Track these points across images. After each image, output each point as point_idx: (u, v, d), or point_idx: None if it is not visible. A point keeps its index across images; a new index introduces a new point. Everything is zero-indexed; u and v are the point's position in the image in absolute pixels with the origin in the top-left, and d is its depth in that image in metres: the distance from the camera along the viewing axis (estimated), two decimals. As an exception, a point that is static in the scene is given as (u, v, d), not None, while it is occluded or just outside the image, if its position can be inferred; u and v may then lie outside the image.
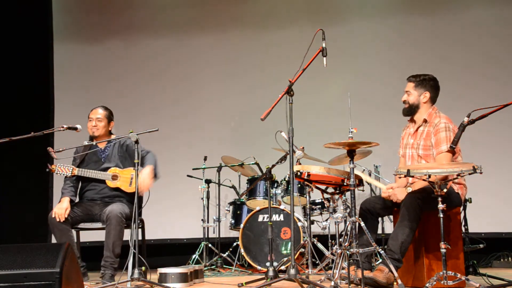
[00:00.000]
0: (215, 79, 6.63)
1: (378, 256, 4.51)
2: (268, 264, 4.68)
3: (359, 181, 3.70)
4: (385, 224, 5.43)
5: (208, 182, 5.70)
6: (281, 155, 4.43)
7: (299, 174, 3.70)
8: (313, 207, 5.18)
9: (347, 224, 3.62)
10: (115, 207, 4.19)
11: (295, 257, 3.59)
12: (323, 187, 3.97)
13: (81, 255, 4.44)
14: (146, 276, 4.15)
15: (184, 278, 4.04)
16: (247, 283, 3.93)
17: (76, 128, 4.36)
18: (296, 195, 5.11)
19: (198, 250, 5.51)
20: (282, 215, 4.99)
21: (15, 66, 6.67)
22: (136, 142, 3.94)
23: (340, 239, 3.94)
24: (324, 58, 3.60)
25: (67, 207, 4.23)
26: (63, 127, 4.25)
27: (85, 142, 4.49)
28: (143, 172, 4.26)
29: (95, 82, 6.73)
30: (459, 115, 3.28)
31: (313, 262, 4.64)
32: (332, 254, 4.01)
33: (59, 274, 2.60)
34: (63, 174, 4.32)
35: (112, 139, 4.48)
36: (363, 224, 3.53)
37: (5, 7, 6.64)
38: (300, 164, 4.48)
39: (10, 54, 6.66)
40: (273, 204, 5.03)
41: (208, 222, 5.63)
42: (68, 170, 4.32)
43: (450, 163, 3.54)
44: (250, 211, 5.23)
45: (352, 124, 3.55)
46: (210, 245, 5.56)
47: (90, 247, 5.35)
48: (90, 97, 6.44)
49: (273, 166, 4.45)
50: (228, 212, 5.55)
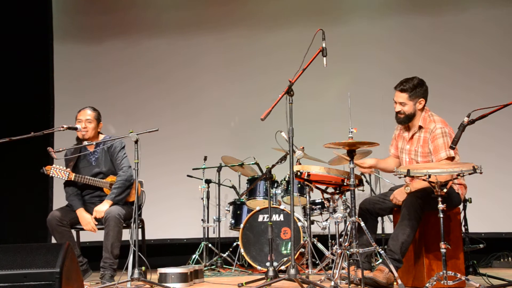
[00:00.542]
0: (216, 79, 6.62)
1: (378, 256, 4.51)
2: (268, 264, 4.68)
3: (359, 181, 3.71)
4: (385, 224, 5.43)
5: (208, 182, 5.69)
6: (281, 155, 4.44)
7: (299, 174, 3.70)
8: (313, 207, 5.18)
9: (347, 224, 3.62)
10: (113, 209, 4.18)
11: (295, 257, 3.59)
12: (323, 187, 3.97)
13: (81, 254, 4.43)
14: (146, 276, 4.15)
15: (184, 278, 4.04)
16: (247, 283, 3.93)
17: (76, 128, 4.36)
18: (296, 195, 5.11)
19: (198, 250, 5.50)
20: (282, 215, 4.99)
21: (15, 66, 6.66)
22: (136, 142, 3.93)
23: (340, 239, 3.93)
24: (324, 58, 3.60)
25: (89, 217, 4.24)
26: (63, 127, 4.24)
27: (85, 143, 4.40)
28: (103, 206, 4.21)
29: (95, 82, 6.72)
30: (457, 117, 3.25)
31: (313, 262, 4.64)
32: (332, 254, 4.01)
33: (59, 274, 2.60)
34: (58, 177, 4.23)
35: (112, 139, 4.40)
36: (363, 224, 3.53)
37: (5, 7, 6.64)
38: (300, 164, 4.49)
39: (10, 54, 6.65)
40: (273, 204, 5.03)
41: (208, 222, 5.63)
42: (65, 174, 4.22)
43: (450, 163, 3.53)
44: (250, 211, 5.23)
45: (352, 124, 3.55)
46: (210, 245, 5.56)
47: (90, 247, 5.35)
48: (90, 97, 6.43)
49: (273, 166, 4.45)
50: (228, 212, 5.55)
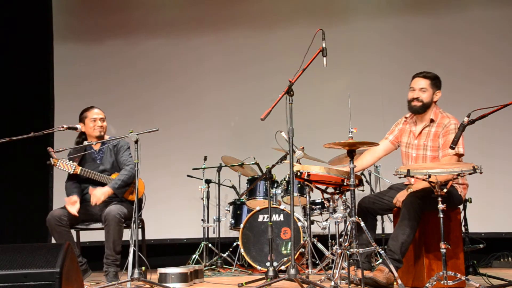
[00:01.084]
0: (216, 79, 6.61)
1: (378, 256, 4.51)
2: (268, 264, 4.68)
3: (359, 181, 3.70)
4: (385, 224, 5.43)
5: (208, 182, 5.69)
6: (281, 155, 4.43)
7: (299, 174, 3.69)
8: (313, 207, 5.18)
9: (347, 224, 3.62)
10: (113, 208, 4.18)
11: (295, 257, 3.59)
12: (323, 187, 3.97)
13: (81, 254, 4.43)
14: (146, 276, 4.15)
15: (184, 278, 4.04)
16: (247, 283, 3.93)
17: (76, 128, 4.36)
18: (296, 195, 5.11)
19: (198, 250, 5.50)
20: (282, 215, 4.99)
21: (15, 66, 6.66)
22: (136, 142, 3.93)
23: (340, 239, 3.93)
24: (324, 58, 3.60)
25: (76, 200, 4.23)
26: (63, 127, 4.24)
27: (85, 143, 4.43)
28: (102, 190, 4.22)
29: (95, 83, 6.71)
30: (462, 111, 3.27)
31: (313, 262, 4.64)
32: (332, 254, 4.01)
33: (59, 274, 2.59)
34: (65, 170, 4.25)
35: (112, 139, 4.41)
36: (363, 224, 3.53)
37: (5, 7, 6.64)
38: (300, 164, 4.48)
39: (10, 54, 6.65)
40: (273, 204, 5.03)
41: (208, 222, 5.63)
42: (71, 167, 4.25)
43: (450, 163, 3.53)
44: (250, 211, 5.22)
45: (352, 124, 3.55)
46: (210, 245, 5.56)
47: (90, 247, 5.35)
48: (90, 97, 6.41)
49: (273, 166, 4.45)
50: (228, 212, 5.55)
